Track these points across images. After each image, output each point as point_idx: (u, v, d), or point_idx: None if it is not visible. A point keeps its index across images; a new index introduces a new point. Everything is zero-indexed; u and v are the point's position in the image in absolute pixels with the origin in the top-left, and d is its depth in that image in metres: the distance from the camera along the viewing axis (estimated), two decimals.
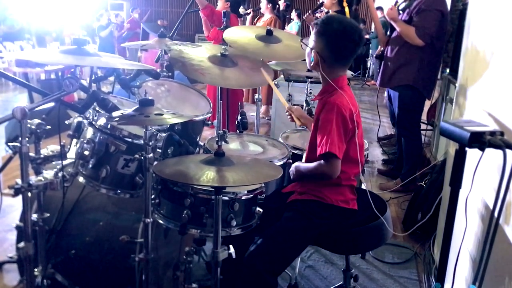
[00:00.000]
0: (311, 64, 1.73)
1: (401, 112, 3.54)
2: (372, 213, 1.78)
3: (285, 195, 1.84)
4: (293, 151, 2.17)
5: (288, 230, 1.68)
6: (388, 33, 3.67)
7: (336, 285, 2.14)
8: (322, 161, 1.62)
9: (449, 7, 3.53)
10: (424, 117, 4.75)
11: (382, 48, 3.80)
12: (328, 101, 1.65)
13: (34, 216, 1.65)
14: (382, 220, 1.74)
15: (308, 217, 1.69)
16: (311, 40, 1.73)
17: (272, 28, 2.50)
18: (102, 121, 1.74)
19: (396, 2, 3.46)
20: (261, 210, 1.69)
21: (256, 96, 3.00)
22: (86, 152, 1.69)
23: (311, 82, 2.95)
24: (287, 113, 2.03)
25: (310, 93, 2.90)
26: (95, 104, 1.70)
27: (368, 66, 10.19)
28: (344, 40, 1.65)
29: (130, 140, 1.72)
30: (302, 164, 1.76)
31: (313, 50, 1.70)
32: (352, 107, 1.64)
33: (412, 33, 3.25)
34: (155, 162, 1.56)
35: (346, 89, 1.70)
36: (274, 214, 1.76)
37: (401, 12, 3.50)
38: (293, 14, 8.34)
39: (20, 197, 1.50)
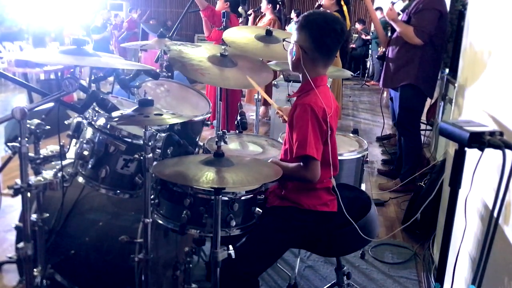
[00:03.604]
0: (293, 59, 1.68)
1: (402, 112, 3.56)
2: (356, 212, 1.76)
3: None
4: None
5: (267, 232, 1.67)
6: (389, 34, 3.68)
7: (329, 284, 2.14)
8: (301, 163, 1.59)
9: (448, 7, 3.54)
10: (423, 117, 4.76)
11: (384, 49, 3.82)
12: (301, 102, 1.63)
13: (34, 216, 1.64)
14: (367, 219, 1.74)
15: (287, 219, 1.68)
16: (293, 36, 1.70)
17: (271, 28, 2.50)
18: (101, 121, 1.74)
19: (393, 3, 3.48)
20: (261, 211, 1.69)
21: (256, 96, 3.00)
22: (86, 152, 1.69)
23: None
24: (277, 115, 2.00)
25: None
26: (94, 104, 1.70)
27: (368, 66, 10.19)
28: (326, 29, 1.63)
29: (129, 140, 1.72)
30: (281, 163, 1.70)
31: (295, 44, 1.66)
32: (327, 108, 1.60)
33: (411, 33, 3.28)
34: (155, 162, 1.56)
35: (323, 90, 1.67)
36: None
37: (400, 12, 3.53)
38: (293, 14, 8.36)
39: (19, 197, 1.50)
